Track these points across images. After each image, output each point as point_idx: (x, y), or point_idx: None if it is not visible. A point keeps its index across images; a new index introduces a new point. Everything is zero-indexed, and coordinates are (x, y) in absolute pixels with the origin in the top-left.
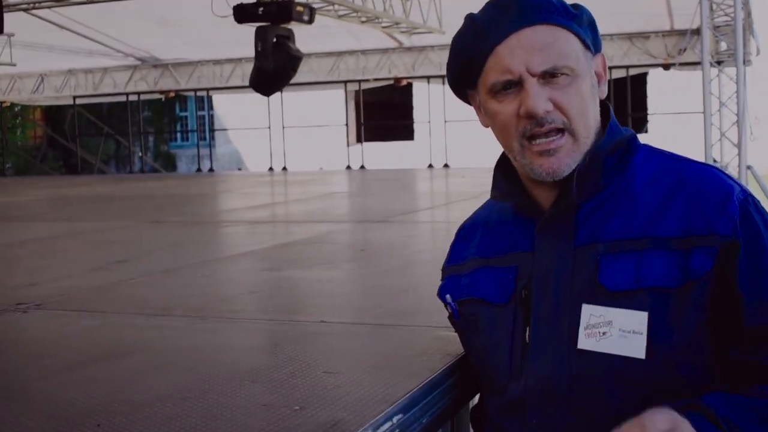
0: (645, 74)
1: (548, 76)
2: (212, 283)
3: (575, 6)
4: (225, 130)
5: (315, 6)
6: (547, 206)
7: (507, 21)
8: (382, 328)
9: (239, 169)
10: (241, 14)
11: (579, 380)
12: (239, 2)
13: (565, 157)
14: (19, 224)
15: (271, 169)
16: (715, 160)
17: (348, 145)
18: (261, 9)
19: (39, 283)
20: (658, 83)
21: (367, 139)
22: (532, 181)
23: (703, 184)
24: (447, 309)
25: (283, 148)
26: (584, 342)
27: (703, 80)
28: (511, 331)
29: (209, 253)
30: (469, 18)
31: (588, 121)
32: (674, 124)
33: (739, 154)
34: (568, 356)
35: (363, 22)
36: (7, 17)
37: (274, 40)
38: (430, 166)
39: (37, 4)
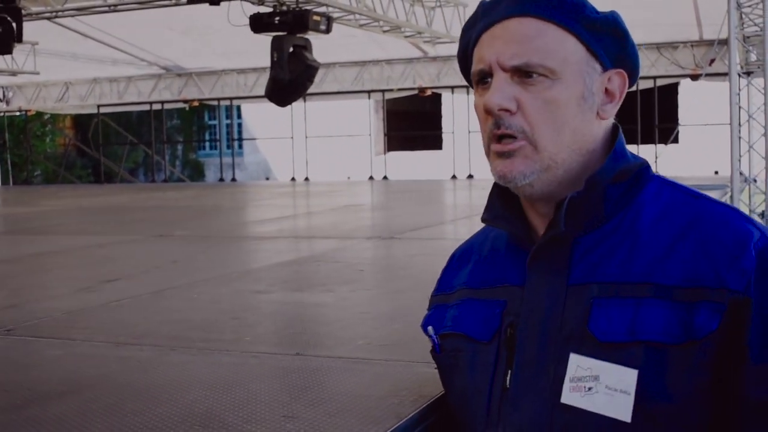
0: (676, 84)
1: (522, 74)
2: (195, 307)
3: (603, 12)
4: (252, 139)
5: (335, 15)
6: (541, 235)
7: (501, 8)
8: (359, 362)
9: (267, 179)
10: (257, 24)
11: None
12: (256, 11)
13: (520, 164)
14: (23, 237)
15: (293, 179)
16: (742, 173)
17: (374, 155)
18: (277, 18)
19: (19, 305)
20: (688, 94)
21: (394, 149)
22: (529, 203)
23: (717, 227)
24: (430, 342)
25: (305, 157)
26: (568, 396)
27: (730, 91)
28: (491, 373)
29: (204, 272)
30: (480, 2)
31: (559, 136)
32: (704, 136)
33: (766, 167)
34: (550, 410)
35: (385, 31)
36: (31, 26)
37: (291, 50)
38: (454, 177)
39: (60, 13)
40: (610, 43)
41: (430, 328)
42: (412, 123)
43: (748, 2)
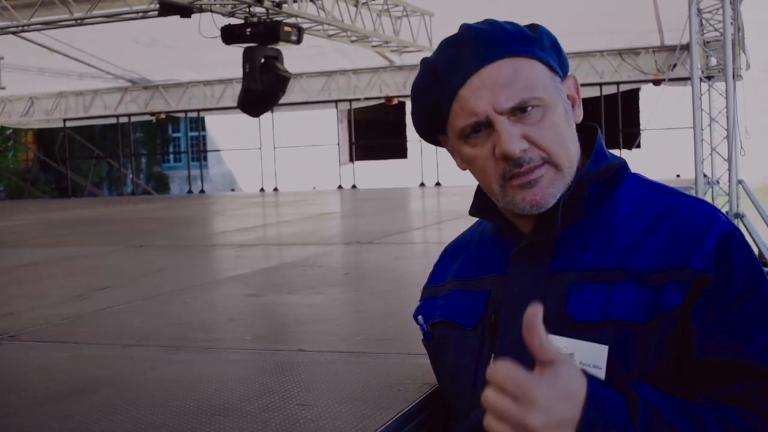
0: (637, 90)
1: (518, 112)
2: (191, 311)
3: (533, 28)
4: (217, 151)
5: (304, 26)
6: (526, 230)
7: (466, 61)
8: (361, 356)
9: (232, 190)
10: (229, 35)
11: None
12: (227, 23)
13: (548, 186)
14: (3, 250)
15: (262, 190)
16: (705, 175)
17: (340, 165)
18: (248, 30)
19: (16, 313)
20: (650, 99)
21: (361, 158)
22: (513, 213)
23: (685, 217)
24: (421, 331)
25: (274, 168)
26: None
27: (692, 95)
28: (476, 356)
29: (192, 278)
30: (424, 63)
31: (568, 150)
32: (667, 140)
33: (729, 169)
34: None
35: (353, 41)
36: None
37: (262, 60)
38: (422, 184)
39: (26, 27)
40: (554, 54)
41: (420, 317)
42: (378, 132)
43: (708, 8)
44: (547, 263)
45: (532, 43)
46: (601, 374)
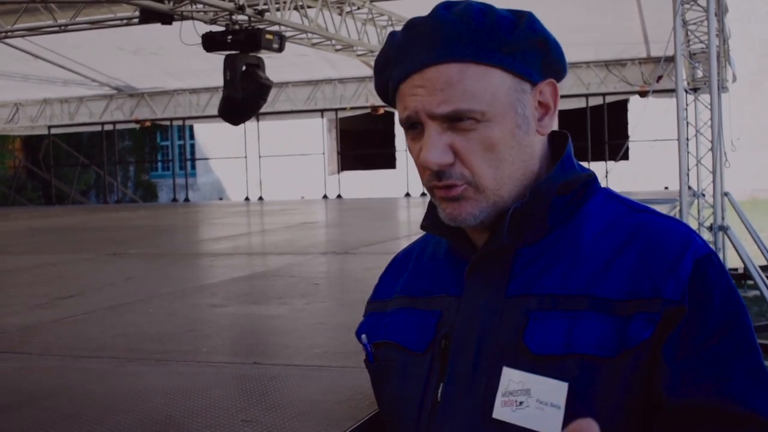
0: (626, 101)
1: (452, 120)
2: (151, 321)
3: (518, 16)
4: (205, 159)
5: (287, 34)
6: (481, 245)
7: (413, 54)
8: (317, 370)
9: (220, 199)
10: (210, 43)
11: None
12: (208, 30)
13: (468, 206)
14: None
15: (247, 199)
16: (690, 187)
17: (327, 174)
18: (230, 37)
19: None
20: (637, 110)
21: (348, 168)
22: None
23: (658, 240)
24: (364, 351)
25: (259, 177)
26: (500, 411)
27: (677, 107)
28: (423, 385)
29: (160, 288)
30: (389, 37)
31: (499, 172)
32: (654, 151)
33: (713, 181)
34: (479, 425)
35: (338, 50)
36: None
37: (243, 68)
38: (407, 194)
39: (9, 33)
40: (534, 56)
41: (363, 336)
42: (366, 142)
43: (694, 20)
44: (504, 285)
45: (500, 46)
46: (558, 415)
